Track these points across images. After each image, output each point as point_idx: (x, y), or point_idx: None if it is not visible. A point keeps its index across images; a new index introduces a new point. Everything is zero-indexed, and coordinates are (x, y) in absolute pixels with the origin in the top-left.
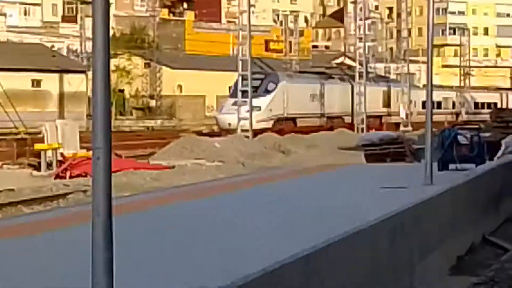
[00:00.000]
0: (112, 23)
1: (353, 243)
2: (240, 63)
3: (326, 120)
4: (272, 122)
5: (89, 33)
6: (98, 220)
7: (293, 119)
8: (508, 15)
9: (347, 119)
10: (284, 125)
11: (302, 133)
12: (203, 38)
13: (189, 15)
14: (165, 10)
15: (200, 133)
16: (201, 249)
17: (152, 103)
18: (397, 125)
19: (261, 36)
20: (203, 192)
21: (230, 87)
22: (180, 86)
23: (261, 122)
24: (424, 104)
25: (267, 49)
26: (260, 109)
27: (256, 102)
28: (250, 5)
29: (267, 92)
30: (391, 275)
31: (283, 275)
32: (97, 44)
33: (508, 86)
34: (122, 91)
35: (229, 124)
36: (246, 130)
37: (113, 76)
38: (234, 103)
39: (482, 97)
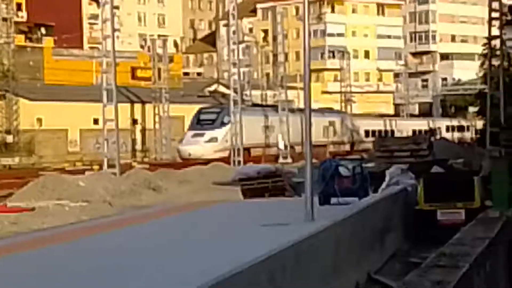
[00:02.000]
0: None
1: (232, 286)
2: (104, 92)
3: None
4: (228, 152)
5: None
6: None
7: (248, 149)
8: (389, 36)
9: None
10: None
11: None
12: (64, 66)
13: (48, 42)
14: (21, 36)
15: (62, 171)
16: None
17: (9, 138)
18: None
19: (127, 63)
20: (62, 237)
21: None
22: (39, 120)
23: (218, 152)
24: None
25: (134, 77)
26: (217, 140)
27: (213, 134)
28: (114, 29)
29: (223, 124)
30: None
31: None
32: None
33: (391, 112)
34: None
35: (189, 154)
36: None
37: None
38: (194, 135)
39: (365, 125)
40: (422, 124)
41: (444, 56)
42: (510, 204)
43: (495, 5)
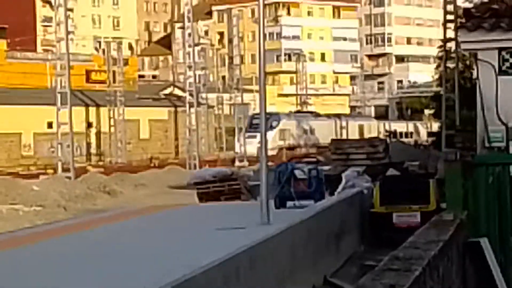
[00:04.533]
0: None
1: None
2: (59, 96)
3: (317, 149)
4: (276, 150)
5: None
6: None
7: (292, 148)
8: (344, 39)
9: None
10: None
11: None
12: (17, 69)
13: (1, 44)
14: None
15: (16, 175)
16: None
17: None
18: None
19: (82, 66)
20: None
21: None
22: None
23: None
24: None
25: (88, 80)
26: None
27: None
28: (68, 32)
29: (271, 128)
30: None
31: None
32: None
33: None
34: None
35: (244, 152)
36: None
37: None
38: (248, 137)
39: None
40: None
41: (400, 59)
42: (464, 206)
43: (450, 7)
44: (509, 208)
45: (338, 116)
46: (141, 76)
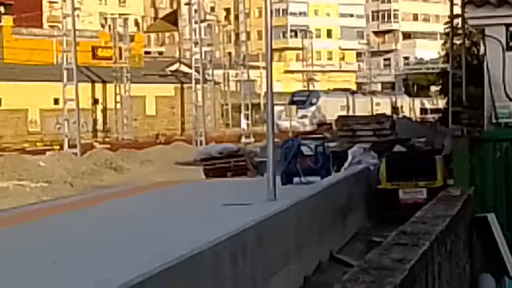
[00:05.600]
0: None
1: (193, 266)
2: (65, 72)
3: None
4: (315, 126)
5: None
6: None
7: (330, 124)
8: (351, 15)
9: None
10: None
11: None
12: (24, 45)
13: (7, 20)
14: None
15: (23, 151)
16: None
17: None
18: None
19: (88, 42)
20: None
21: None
22: None
23: (308, 126)
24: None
25: (94, 56)
26: (307, 117)
27: (304, 112)
28: (74, 8)
29: (311, 104)
30: None
31: None
32: None
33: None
34: None
35: (286, 127)
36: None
37: None
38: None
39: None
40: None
41: (406, 35)
42: (471, 182)
43: None
44: None
45: (373, 93)
46: (147, 53)
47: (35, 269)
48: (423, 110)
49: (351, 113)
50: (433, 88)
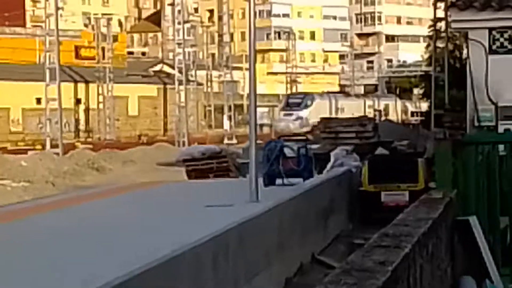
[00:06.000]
0: None
1: (174, 266)
2: (47, 71)
3: None
4: (310, 127)
5: None
6: None
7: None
8: (335, 18)
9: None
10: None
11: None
12: (6, 44)
13: None
14: None
15: (4, 151)
16: None
17: None
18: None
19: (71, 42)
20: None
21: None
22: None
23: (303, 127)
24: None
25: (77, 56)
26: (302, 119)
27: (299, 113)
28: (57, 8)
29: (306, 106)
30: None
31: None
32: None
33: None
34: None
35: (281, 129)
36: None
37: None
38: (285, 115)
39: None
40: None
41: (390, 38)
42: (454, 185)
43: None
44: (498, 186)
45: (366, 95)
46: (130, 53)
47: (19, 267)
48: (414, 113)
49: (346, 116)
50: (416, 91)
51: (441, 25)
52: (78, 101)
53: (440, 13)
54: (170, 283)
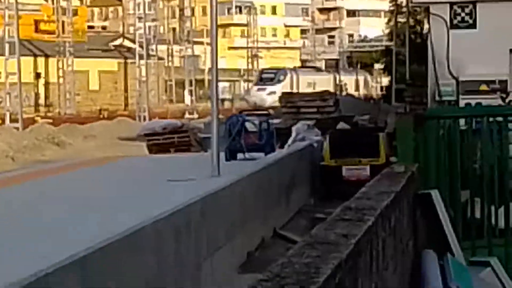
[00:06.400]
0: None
1: (136, 241)
2: (7, 45)
3: None
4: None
5: None
6: None
7: None
8: None
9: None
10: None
11: None
12: None
13: None
14: None
15: None
16: None
17: None
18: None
19: (30, 15)
20: None
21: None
22: None
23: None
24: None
25: (37, 30)
26: (275, 93)
27: (272, 88)
28: None
29: (279, 81)
30: (177, 274)
31: (57, 282)
32: None
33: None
34: None
35: (255, 103)
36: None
37: None
38: (258, 89)
39: None
40: None
41: (351, 13)
42: (415, 159)
43: None
44: (459, 160)
45: (337, 70)
46: (90, 27)
47: None
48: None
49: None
50: (377, 66)
51: (402, 0)
52: (38, 75)
53: None
54: (131, 258)
